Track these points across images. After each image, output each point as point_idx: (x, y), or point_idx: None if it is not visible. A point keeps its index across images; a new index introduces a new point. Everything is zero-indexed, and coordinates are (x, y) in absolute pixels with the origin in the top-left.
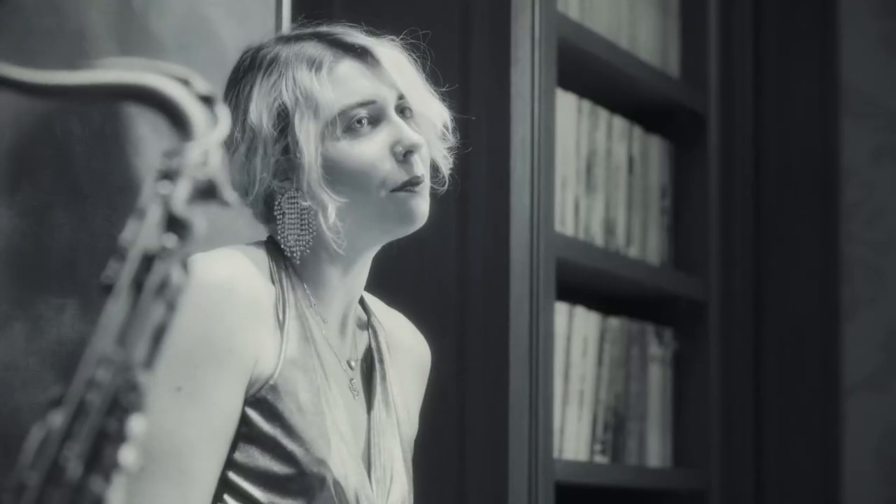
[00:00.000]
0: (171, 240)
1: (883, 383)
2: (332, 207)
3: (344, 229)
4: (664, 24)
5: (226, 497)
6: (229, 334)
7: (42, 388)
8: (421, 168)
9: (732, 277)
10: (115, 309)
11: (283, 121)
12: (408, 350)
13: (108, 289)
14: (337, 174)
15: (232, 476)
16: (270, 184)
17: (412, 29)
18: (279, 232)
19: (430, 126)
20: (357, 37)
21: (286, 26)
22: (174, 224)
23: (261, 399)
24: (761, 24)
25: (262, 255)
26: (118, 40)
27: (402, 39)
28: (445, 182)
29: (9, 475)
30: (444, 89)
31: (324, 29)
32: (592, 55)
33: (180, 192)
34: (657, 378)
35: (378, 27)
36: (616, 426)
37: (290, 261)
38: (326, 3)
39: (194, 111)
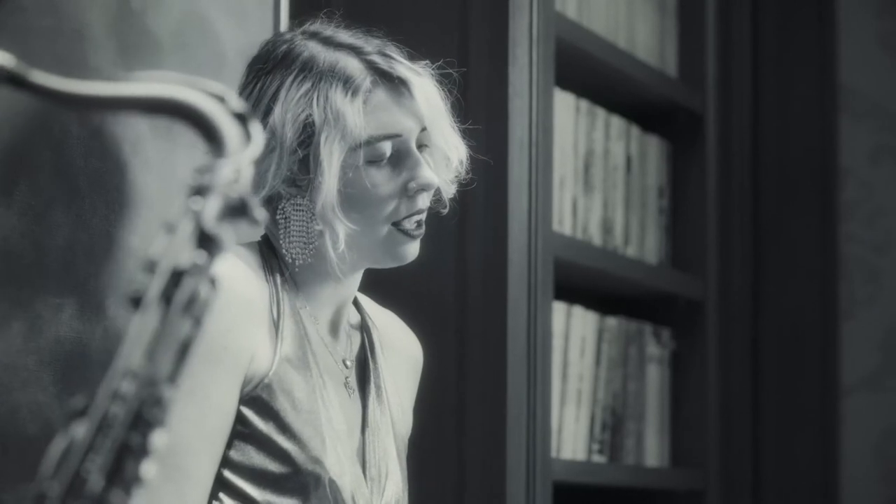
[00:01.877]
0: (200, 256)
1: (881, 383)
2: (342, 234)
3: (348, 255)
4: (662, 24)
5: (221, 495)
6: (225, 333)
7: (41, 388)
8: (427, 202)
9: (730, 277)
10: (143, 323)
11: (307, 134)
12: (400, 349)
13: (136, 302)
14: (351, 200)
15: (227, 474)
16: (278, 188)
17: (450, 60)
18: (281, 237)
19: (442, 158)
20: (396, 64)
21: (284, 26)
22: (204, 240)
23: (256, 397)
24: (759, 24)
25: (255, 255)
26: (117, 40)
27: (436, 67)
28: (446, 205)
29: (14, 481)
30: (467, 126)
31: (361, 43)
32: (590, 55)
33: (211, 209)
34: (655, 378)
35: (376, 27)
36: (614, 426)
37: (284, 264)
38: (325, 3)
39: (228, 128)
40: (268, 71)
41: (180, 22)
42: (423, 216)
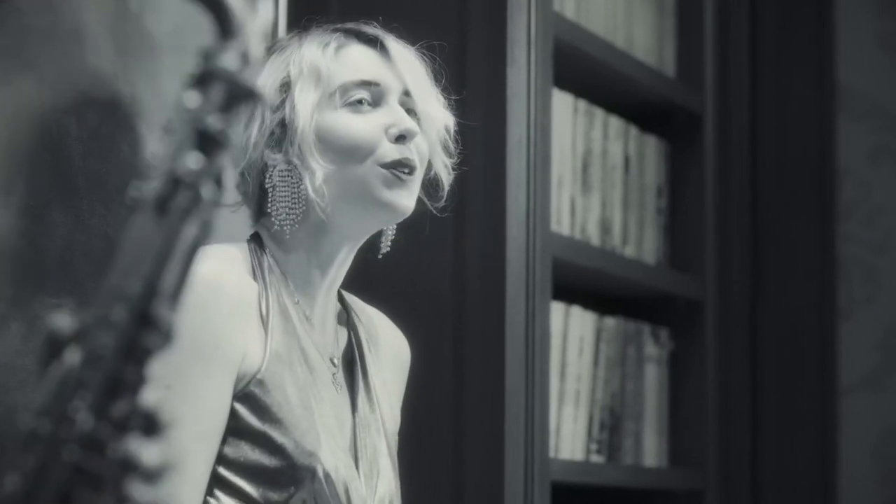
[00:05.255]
0: (198, 159)
1: (880, 383)
2: (319, 172)
3: (329, 194)
4: (660, 24)
5: (217, 492)
6: (217, 331)
7: (38, 389)
8: (413, 154)
9: (729, 277)
10: (140, 232)
11: (285, 92)
12: (388, 346)
13: (133, 208)
14: (329, 142)
15: (222, 471)
16: (263, 153)
17: (427, 41)
18: (270, 205)
19: (432, 128)
20: (372, 28)
21: (282, 26)
22: (204, 140)
23: (249, 394)
24: (758, 23)
25: (244, 252)
26: (114, 40)
27: (418, 46)
28: (443, 197)
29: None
30: (453, 97)
31: (340, 25)
32: (588, 55)
33: (213, 100)
34: (653, 377)
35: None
36: (612, 426)
37: (274, 258)
38: (323, 3)
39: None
40: None
41: (178, 22)
42: (412, 170)
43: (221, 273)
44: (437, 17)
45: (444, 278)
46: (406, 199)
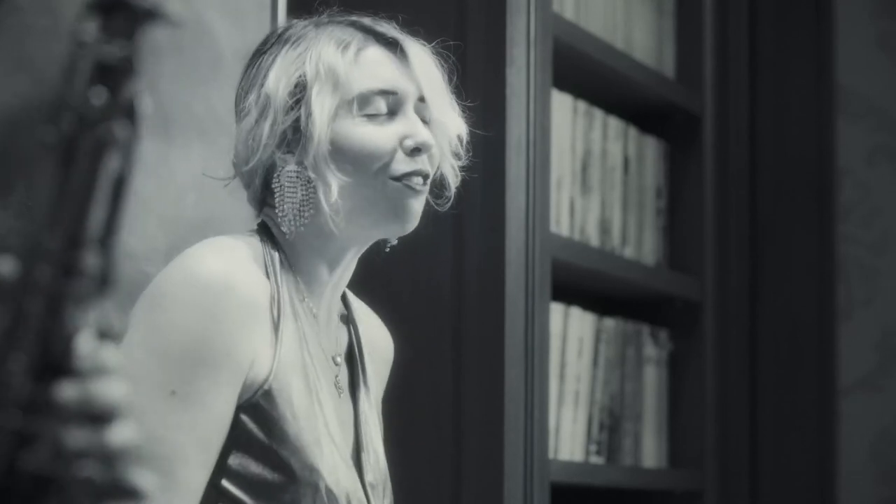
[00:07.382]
0: (100, 94)
1: (878, 384)
2: (335, 185)
3: (343, 209)
4: (659, 25)
5: None
6: (227, 336)
7: None
8: (427, 165)
9: (728, 278)
10: (55, 181)
11: (300, 92)
12: (375, 344)
13: (45, 155)
14: (343, 152)
15: (224, 483)
16: (273, 154)
17: (443, 39)
18: (276, 205)
19: (444, 136)
20: (391, 29)
21: (282, 16)
22: (108, 73)
23: (255, 405)
24: (757, 25)
25: (256, 245)
26: None
27: (433, 46)
28: (450, 198)
29: None
30: (468, 104)
31: (358, 18)
32: (588, 56)
33: (113, 27)
34: (652, 378)
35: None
36: (611, 427)
37: (283, 253)
38: (321, 3)
39: None
40: (266, 51)
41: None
42: (426, 180)
43: (233, 271)
44: (436, 17)
45: (444, 278)
46: (417, 206)
